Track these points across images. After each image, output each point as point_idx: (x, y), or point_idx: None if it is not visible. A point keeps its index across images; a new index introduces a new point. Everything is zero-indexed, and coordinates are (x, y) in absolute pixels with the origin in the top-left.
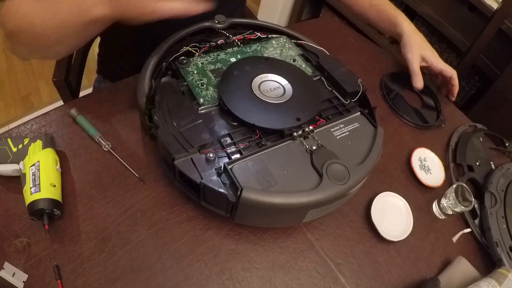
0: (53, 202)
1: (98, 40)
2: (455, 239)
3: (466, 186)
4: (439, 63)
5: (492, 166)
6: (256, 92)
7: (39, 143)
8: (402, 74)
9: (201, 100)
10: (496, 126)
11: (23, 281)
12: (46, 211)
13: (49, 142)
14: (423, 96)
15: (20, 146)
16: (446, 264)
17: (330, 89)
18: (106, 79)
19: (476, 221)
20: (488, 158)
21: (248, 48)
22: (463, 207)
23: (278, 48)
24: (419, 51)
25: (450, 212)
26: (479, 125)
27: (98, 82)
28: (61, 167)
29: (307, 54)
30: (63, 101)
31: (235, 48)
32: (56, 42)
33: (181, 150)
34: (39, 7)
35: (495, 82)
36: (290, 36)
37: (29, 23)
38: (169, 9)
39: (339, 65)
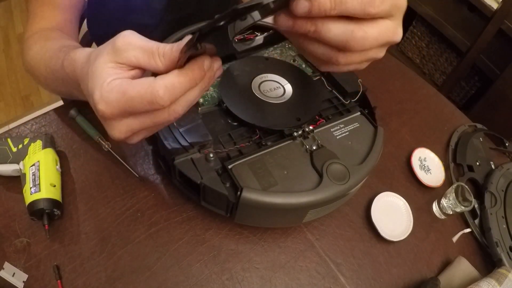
0: (53, 202)
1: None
2: (455, 239)
3: (466, 186)
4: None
5: (492, 166)
6: (256, 92)
7: (39, 143)
8: None
9: (201, 100)
10: (496, 126)
11: (23, 281)
12: (46, 211)
13: (49, 142)
14: None
15: (20, 146)
16: (446, 264)
17: (330, 89)
18: None
19: (476, 221)
20: (488, 158)
21: None
22: (463, 207)
23: (278, 48)
24: None
25: (450, 212)
26: (479, 125)
27: None
28: (61, 167)
29: None
30: (63, 101)
31: None
32: (57, 93)
33: (181, 150)
34: (42, 59)
35: (495, 82)
36: None
37: (32, 71)
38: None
39: None
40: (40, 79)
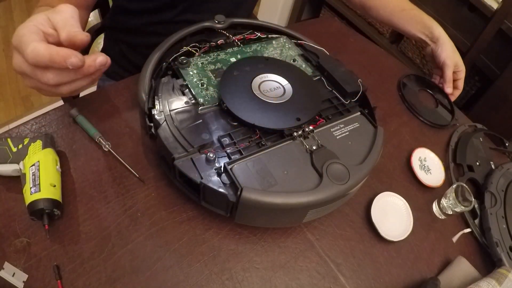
0: (53, 202)
1: (98, 39)
2: (455, 239)
3: (466, 186)
4: (464, 71)
5: (492, 166)
6: (256, 92)
7: (39, 143)
8: (418, 77)
9: (201, 100)
10: (496, 126)
11: (23, 281)
12: (46, 211)
13: (49, 142)
14: (437, 96)
15: (20, 146)
16: (446, 264)
17: (330, 89)
18: (109, 78)
19: (476, 221)
20: (488, 158)
21: (248, 48)
22: (463, 207)
23: (278, 48)
24: (454, 58)
25: (450, 212)
26: (479, 125)
27: (102, 81)
28: (61, 167)
29: (307, 54)
30: (63, 101)
31: (235, 48)
32: None
33: (181, 150)
34: None
35: (495, 82)
36: (290, 36)
37: None
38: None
39: (339, 65)
40: None
